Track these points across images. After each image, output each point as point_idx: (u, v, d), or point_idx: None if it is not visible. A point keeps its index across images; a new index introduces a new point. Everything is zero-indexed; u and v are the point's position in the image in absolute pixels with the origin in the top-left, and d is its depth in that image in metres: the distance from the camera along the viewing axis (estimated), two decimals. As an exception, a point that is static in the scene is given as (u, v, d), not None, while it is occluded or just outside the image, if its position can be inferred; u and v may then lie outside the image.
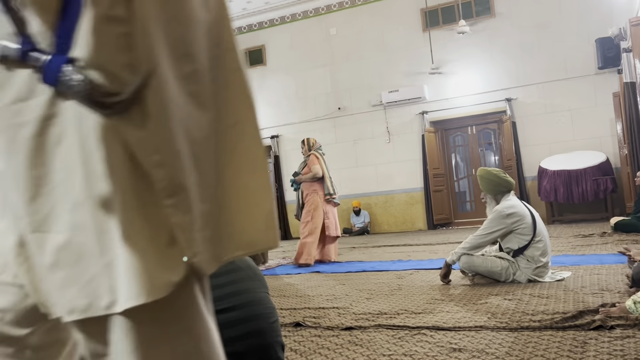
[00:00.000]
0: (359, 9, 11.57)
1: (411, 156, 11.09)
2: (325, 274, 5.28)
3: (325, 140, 11.74)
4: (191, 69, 0.80)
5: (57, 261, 0.73)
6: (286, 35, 12.25)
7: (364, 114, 11.48)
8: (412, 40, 11.09)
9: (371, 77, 11.42)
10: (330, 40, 11.83)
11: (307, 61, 12.04)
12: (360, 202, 11.37)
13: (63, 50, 0.70)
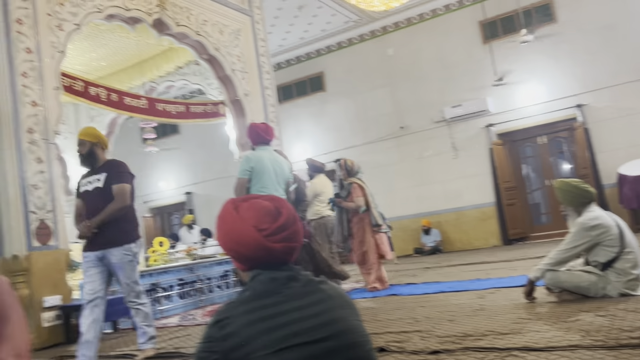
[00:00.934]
0: (416, 27, 11.56)
1: (480, 170, 10.84)
2: (402, 296, 5.21)
3: (389, 160, 11.71)
4: None
5: None
6: (344, 60, 12.39)
7: (427, 131, 11.37)
8: (472, 53, 10.94)
9: (432, 94, 11.33)
10: (389, 61, 11.86)
11: (366, 83, 12.10)
12: (430, 220, 11.18)
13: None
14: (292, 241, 1.46)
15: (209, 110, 8.56)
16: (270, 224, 1.44)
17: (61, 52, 5.63)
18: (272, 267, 1.44)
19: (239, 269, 1.53)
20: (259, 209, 1.47)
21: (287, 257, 1.46)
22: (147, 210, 15.19)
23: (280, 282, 1.42)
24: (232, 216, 1.48)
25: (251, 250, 1.43)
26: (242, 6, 8.28)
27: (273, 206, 1.49)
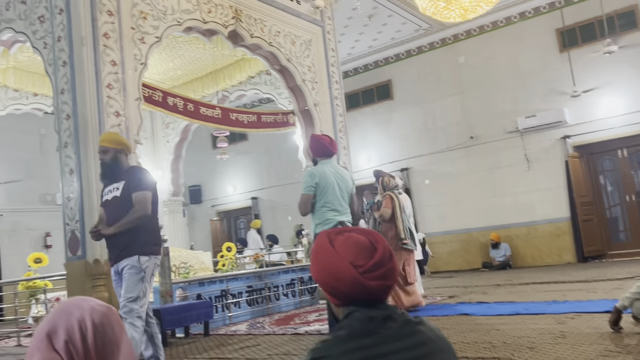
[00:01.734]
0: (488, 35, 11.26)
1: (554, 184, 10.41)
2: (474, 316, 5.06)
3: (458, 171, 11.46)
4: None
5: None
6: (413, 68, 12.25)
7: (499, 142, 11.04)
8: (549, 62, 10.53)
9: (505, 103, 11.00)
10: (459, 69, 11.62)
11: (435, 92, 11.90)
12: (499, 234, 10.83)
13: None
14: (388, 279, 1.43)
15: (279, 119, 8.68)
16: (366, 261, 1.42)
17: (143, 64, 5.85)
18: (367, 305, 1.42)
19: (332, 304, 1.51)
20: (355, 243, 1.45)
21: (383, 295, 1.43)
22: (214, 213, 15.57)
23: (378, 321, 1.38)
24: (327, 250, 1.46)
25: (347, 287, 1.41)
26: (314, 17, 8.34)
27: (368, 241, 1.47)
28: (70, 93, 5.38)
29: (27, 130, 12.10)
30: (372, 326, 1.38)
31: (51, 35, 5.66)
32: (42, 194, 12.28)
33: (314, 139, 4.52)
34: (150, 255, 3.68)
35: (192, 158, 12.92)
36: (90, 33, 5.40)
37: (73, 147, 5.30)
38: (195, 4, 6.55)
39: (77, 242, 5.24)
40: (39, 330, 1.17)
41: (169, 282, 5.73)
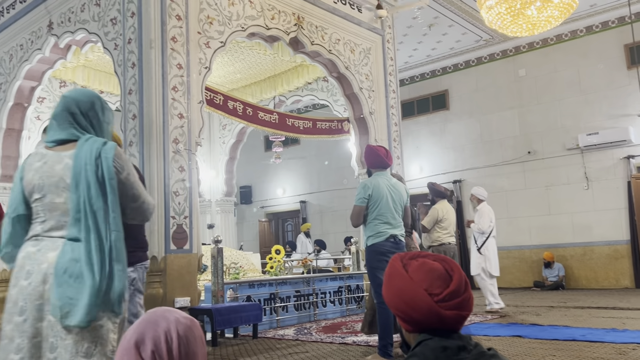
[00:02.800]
0: (552, 49, 10.97)
1: (614, 204, 10.02)
2: (527, 339, 4.92)
3: (513, 186, 11.20)
4: None
5: None
6: (471, 79, 12.06)
7: (558, 158, 10.72)
8: (615, 78, 10.16)
9: (566, 119, 10.67)
10: (519, 82, 11.36)
11: (493, 104, 11.68)
12: (553, 253, 10.51)
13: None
14: (464, 309, 1.41)
15: (334, 126, 8.71)
16: (442, 289, 1.41)
17: (207, 68, 6.00)
18: (441, 334, 1.41)
19: (404, 329, 1.50)
20: (430, 270, 1.44)
21: (457, 326, 1.42)
22: (263, 215, 15.76)
23: (451, 352, 1.37)
24: (401, 276, 1.46)
25: (422, 315, 1.40)
26: (374, 25, 8.34)
27: (443, 268, 1.46)
28: (137, 94, 5.57)
29: (91, 125, 12.58)
30: (445, 356, 1.36)
31: (122, 37, 5.88)
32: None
33: (370, 150, 4.48)
34: (135, 264, 3.31)
35: (245, 159, 13.12)
36: (159, 36, 5.58)
37: (137, 146, 5.48)
38: (260, 10, 6.67)
39: (137, 238, 5.41)
40: (127, 339, 1.22)
41: (221, 282, 5.84)
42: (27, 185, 2.03)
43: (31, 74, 7.38)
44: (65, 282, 1.88)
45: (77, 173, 1.97)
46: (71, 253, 1.92)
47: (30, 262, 1.94)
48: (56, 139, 2.07)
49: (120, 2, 5.95)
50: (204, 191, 10.76)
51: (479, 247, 7.08)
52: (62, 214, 1.98)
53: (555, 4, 5.31)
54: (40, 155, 2.05)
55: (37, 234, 2.00)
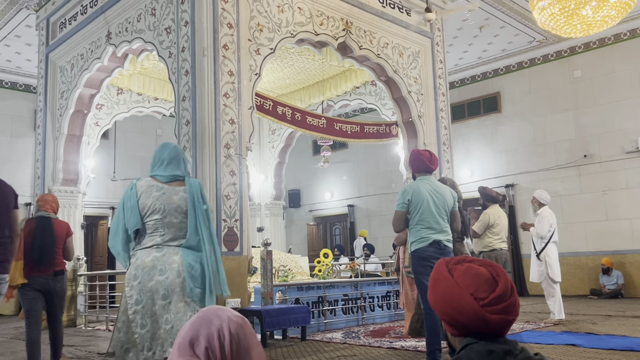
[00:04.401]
0: (609, 49, 10.59)
1: (677, 210, 9.56)
2: (583, 348, 4.78)
3: (569, 191, 10.86)
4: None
5: None
6: (523, 81, 11.79)
7: (616, 162, 10.32)
8: (678, 78, 9.71)
9: (624, 121, 10.28)
10: (574, 83, 11.02)
11: (547, 106, 11.37)
12: (611, 260, 10.12)
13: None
14: (510, 314, 1.41)
15: (382, 130, 8.71)
16: (488, 294, 1.41)
17: (257, 75, 6.13)
18: (486, 338, 1.41)
19: (449, 333, 1.51)
20: (476, 275, 1.45)
21: (503, 330, 1.42)
22: (311, 218, 15.87)
23: (498, 356, 1.37)
24: (447, 280, 1.47)
25: (468, 319, 1.41)
26: (423, 28, 8.29)
27: (489, 273, 1.46)
28: (190, 100, 5.75)
29: (145, 131, 13.03)
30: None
31: (176, 46, 6.08)
32: (156, 190, 13.16)
33: (414, 154, 4.45)
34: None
35: (293, 163, 13.27)
36: (211, 44, 5.75)
37: (191, 151, 5.65)
38: (309, 16, 6.76)
39: (189, 240, 5.58)
40: (182, 336, 1.29)
41: (270, 284, 5.94)
42: (143, 208, 2.90)
43: (90, 82, 7.73)
44: (192, 276, 2.85)
45: (191, 203, 2.94)
46: (192, 257, 2.88)
47: (161, 263, 2.83)
48: (171, 175, 3.00)
49: (174, 11, 6.16)
50: (253, 195, 10.95)
51: (538, 253, 6.85)
52: (177, 230, 2.91)
53: (612, 4, 5.14)
54: (157, 187, 2.95)
55: (158, 243, 2.88)
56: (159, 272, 2.80)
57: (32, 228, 4.34)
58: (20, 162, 11.17)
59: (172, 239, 2.88)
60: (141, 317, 2.78)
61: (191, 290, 2.82)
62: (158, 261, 2.82)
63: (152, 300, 2.79)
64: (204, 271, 2.86)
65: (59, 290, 4.41)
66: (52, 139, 8.10)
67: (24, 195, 11.23)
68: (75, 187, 8.12)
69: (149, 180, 2.98)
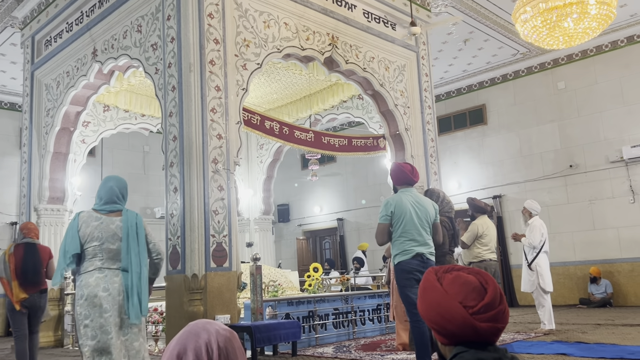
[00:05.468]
0: (591, 60, 10.76)
1: (663, 219, 9.67)
2: (574, 357, 4.78)
3: (555, 200, 10.95)
4: None
5: None
6: (508, 93, 11.93)
7: (601, 172, 10.44)
8: (659, 88, 9.88)
9: (608, 131, 10.41)
10: (559, 95, 11.17)
11: (532, 118, 11.50)
12: (600, 269, 10.18)
13: None
14: (499, 322, 1.41)
15: (369, 143, 8.74)
16: (477, 302, 1.41)
17: (244, 90, 6.14)
18: (476, 346, 1.41)
19: (439, 342, 1.51)
20: (465, 283, 1.45)
21: (493, 338, 1.42)
22: (301, 232, 15.83)
23: (487, 364, 1.37)
24: (436, 289, 1.47)
25: (457, 327, 1.41)
26: (408, 42, 8.37)
27: (478, 281, 1.46)
28: (177, 116, 5.74)
29: (133, 148, 12.98)
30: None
31: (162, 62, 6.08)
32: (143, 208, 13.06)
33: (396, 167, 4.49)
34: None
35: (282, 177, 13.27)
36: (197, 60, 5.75)
37: (178, 167, 5.63)
38: (295, 31, 6.80)
39: (178, 256, 5.54)
40: (170, 350, 1.28)
41: (260, 299, 5.89)
42: (83, 236, 3.42)
43: (77, 99, 7.70)
44: (129, 297, 3.39)
45: (125, 231, 3.46)
46: (127, 279, 3.41)
47: (104, 282, 3.37)
48: (108, 209, 3.53)
49: (160, 28, 6.17)
50: (242, 210, 10.91)
51: (529, 263, 6.86)
52: (115, 254, 3.45)
53: (593, 16, 5.23)
54: (96, 217, 3.48)
55: (99, 266, 3.41)
56: (102, 289, 3.34)
57: (22, 254, 5.08)
58: (6, 180, 11.06)
59: (111, 263, 3.42)
60: (91, 330, 3.29)
61: (128, 309, 3.37)
62: (101, 281, 3.36)
63: (99, 314, 3.30)
64: (134, 293, 3.40)
65: (42, 306, 5.15)
66: (38, 157, 8.04)
67: (10, 214, 11.11)
68: (61, 205, 8.05)
69: (90, 212, 3.52)
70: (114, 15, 6.84)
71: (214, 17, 5.95)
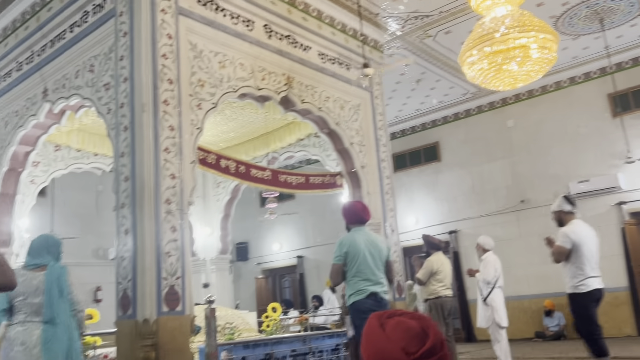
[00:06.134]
0: (538, 99, 11.24)
1: (610, 251, 9.99)
2: (528, 393, 4.82)
3: (509, 235, 11.20)
4: None
5: None
6: (460, 131, 12.28)
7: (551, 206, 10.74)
8: (600, 127, 10.38)
9: (556, 167, 10.81)
10: (508, 132, 11.57)
11: (484, 155, 11.84)
12: (554, 302, 10.40)
13: None
14: (440, 366, 1.42)
15: (326, 181, 8.79)
16: (418, 347, 1.42)
17: (199, 129, 6.11)
18: (419, 391, 1.41)
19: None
20: (407, 329, 1.46)
21: (435, 383, 1.43)
22: (260, 271, 15.63)
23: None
24: (379, 335, 1.47)
25: (399, 374, 1.41)
26: (362, 83, 8.55)
27: (420, 327, 1.48)
28: (129, 156, 5.65)
29: (85, 187, 12.66)
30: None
31: (115, 102, 6.01)
32: (95, 249, 12.69)
33: (347, 206, 4.54)
34: None
35: (240, 215, 13.14)
36: (151, 100, 5.71)
37: (129, 208, 5.51)
38: (250, 72, 6.86)
39: (128, 301, 5.36)
40: None
41: (215, 343, 5.73)
42: (10, 292, 3.53)
43: (26, 139, 7.49)
44: (48, 348, 3.54)
45: (48, 285, 3.68)
46: (50, 331, 3.57)
47: (22, 336, 3.56)
48: (33, 264, 3.82)
49: (113, 68, 6.12)
50: (198, 250, 10.72)
51: (484, 298, 6.96)
52: (38, 308, 3.66)
53: (535, 60, 5.50)
54: (21, 273, 3.69)
55: (21, 320, 3.61)
56: (19, 343, 3.55)
57: None
58: (-52, 223, 10.56)
59: (34, 316, 3.65)
60: None
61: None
62: (20, 334, 3.59)
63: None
64: (59, 344, 3.61)
65: None
66: (-17, 199, 7.73)
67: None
68: (7, 249, 7.72)
69: (18, 269, 3.73)
70: (66, 54, 6.76)
71: (168, 57, 5.95)
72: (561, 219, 5.51)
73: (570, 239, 5.17)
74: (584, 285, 5.13)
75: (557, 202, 5.59)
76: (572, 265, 5.21)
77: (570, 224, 5.35)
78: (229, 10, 6.72)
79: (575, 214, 5.46)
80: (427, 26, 8.88)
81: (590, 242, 5.23)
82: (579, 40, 9.71)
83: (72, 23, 6.78)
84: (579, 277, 5.17)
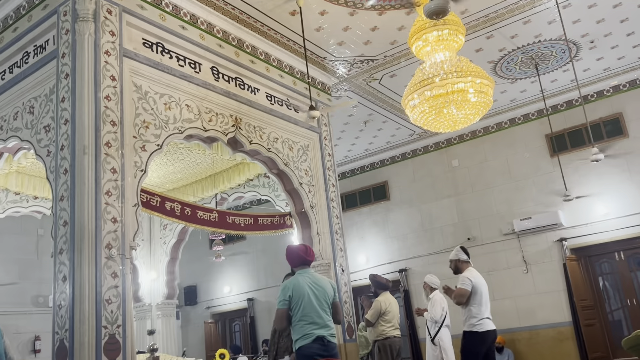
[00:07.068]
0: (480, 140, 11.64)
1: (554, 287, 10.29)
2: None
3: (457, 273, 11.34)
4: None
5: None
6: (408, 170, 12.53)
7: (496, 244, 11.05)
8: (540, 166, 10.81)
9: (500, 205, 11.14)
10: (453, 172, 11.88)
11: (431, 193, 12.09)
12: (504, 338, 10.53)
13: None
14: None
15: (276, 221, 8.75)
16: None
17: (142, 171, 5.99)
18: None
19: None
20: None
21: None
22: (209, 315, 15.21)
23: None
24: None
25: None
26: (311, 124, 8.65)
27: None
28: (69, 200, 5.46)
29: (25, 232, 12.11)
30: None
31: (55, 144, 5.84)
32: (35, 296, 12.07)
33: (289, 250, 4.52)
34: None
35: (189, 257, 12.85)
36: (92, 142, 5.57)
37: (68, 254, 5.29)
38: (197, 113, 6.83)
39: (65, 352, 5.09)
40: None
41: (157, 394, 5.50)
42: None
43: (-41, 182, 7.16)
44: None
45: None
46: None
47: None
48: None
49: (54, 109, 5.97)
50: (143, 295, 10.37)
51: (432, 338, 6.99)
52: None
53: (473, 103, 5.73)
54: None
55: None
56: None
57: None
58: None
59: None
60: None
61: None
62: None
63: None
64: None
65: None
66: None
67: None
68: None
69: None
70: (5, 96, 6.56)
71: (112, 99, 5.86)
72: (457, 267, 6.09)
73: (471, 283, 5.71)
74: (481, 325, 5.62)
75: (454, 252, 6.20)
76: (471, 307, 5.70)
77: (467, 271, 5.90)
78: (175, 53, 6.72)
79: (470, 263, 6.08)
80: (372, 70, 9.13)
81: (484, 287, 5.81)
82: (517, 83, 10.19)
83: (12, 64, 6.62)
84: (477, 317, 5.65)
